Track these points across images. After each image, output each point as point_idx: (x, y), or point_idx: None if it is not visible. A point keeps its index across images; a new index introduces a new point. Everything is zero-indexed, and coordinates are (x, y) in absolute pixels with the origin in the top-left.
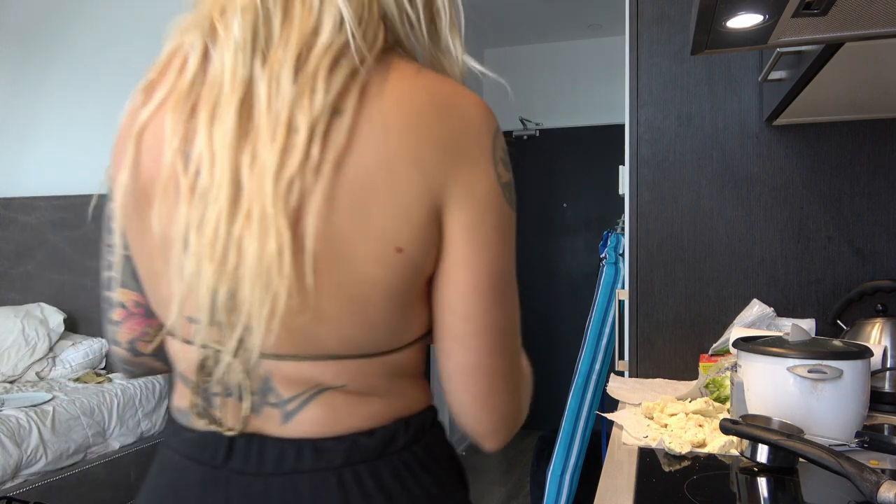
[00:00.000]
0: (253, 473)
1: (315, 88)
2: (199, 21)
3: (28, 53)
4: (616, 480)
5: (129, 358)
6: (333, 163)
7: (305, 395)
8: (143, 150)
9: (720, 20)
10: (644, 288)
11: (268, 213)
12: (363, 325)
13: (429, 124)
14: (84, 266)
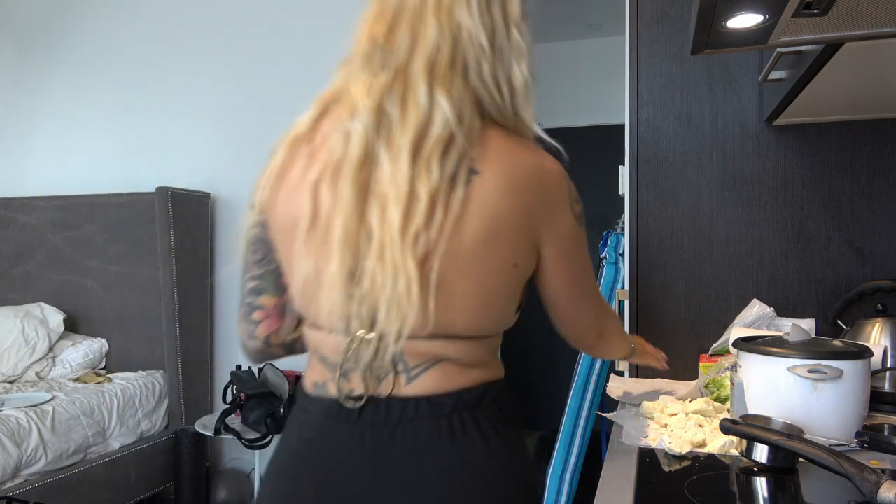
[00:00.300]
0: (382, 424)
1: (430, 168)
2: (337, 109)
3: (28, 54)
4: (616, 480)
5: (262, 348)
6: (453, 222)
7: (426, 364)
8: (291, 198)
9: (720, 20)
10: (644, 288)
11: (397, 258)
12: (488, 316)
13: (531, 190)
14: (84, 266)
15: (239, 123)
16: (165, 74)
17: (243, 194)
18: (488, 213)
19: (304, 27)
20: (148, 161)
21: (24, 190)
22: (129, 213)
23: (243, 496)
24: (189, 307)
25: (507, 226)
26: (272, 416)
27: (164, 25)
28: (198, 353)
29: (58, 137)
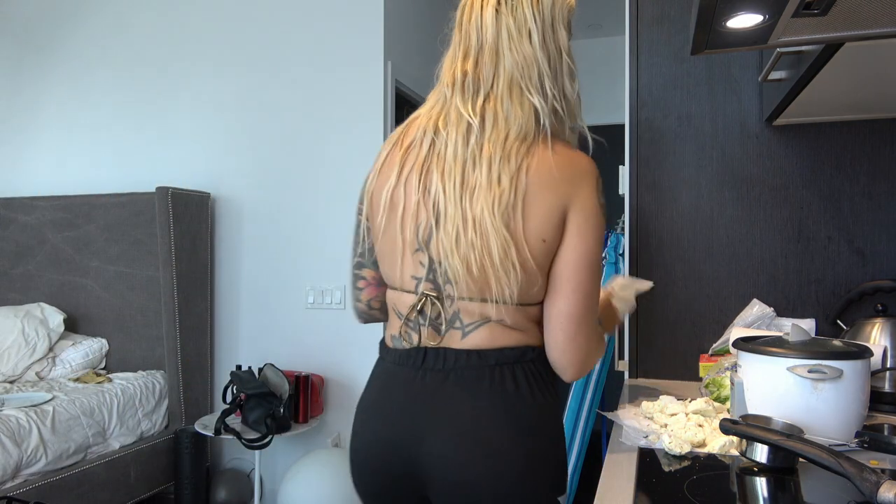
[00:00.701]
0: (440, 369)
1: (510, 161)
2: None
3: (28, 54)
4: (616, 480)
5: (366, 310)
6: (522, 201)
7: (477, 323)
8: (384, 187)
9: (720, 20)
10: None
11: (490, 229)
12: (522, 285)
13: (564, 174)
14: (84, 266)
15: (239, 123)
16: (165, 74)
17: (243, 194)
18: (530, 200)
19: (304, 27)
20: (148, 161)
21: (24, 190)
22: (129, 213)
23: (243, 496)
24: (189, 307)
25: (541, 206)
26: (272, 416)
27: (164, 26)
28: (198, 353)
29: (58, 137)
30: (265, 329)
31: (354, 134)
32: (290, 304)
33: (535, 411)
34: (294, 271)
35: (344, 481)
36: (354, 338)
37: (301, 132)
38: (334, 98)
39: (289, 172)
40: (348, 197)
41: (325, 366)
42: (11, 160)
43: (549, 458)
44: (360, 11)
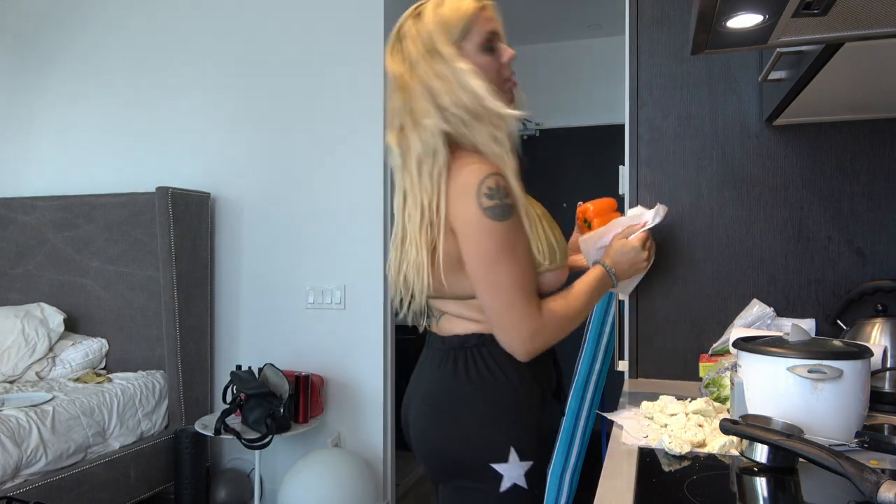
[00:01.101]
0: (429, 348)
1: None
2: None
3: (28, 54)
4: (616, 480)
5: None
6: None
7: (439, 315)
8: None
9: (720, 20)
10: (644, 288)
11: (415, 241)
12: (459, 285)
13: (451, 186)
14: (84, 266)
15: (239, 124)
16: (166, 74)
17: (243, 194)
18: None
19: (304, 27)
20: (148, 161)
21: (24, 190)
22: (129, 213)
23: (243, 496)
24: (189, 307)
25: (443, 220)
26: (272, 416)
27: (163, 26)
28: (198, 353)
29: (58, 137)
30: (265, 329)
31: (355, 134)
32: (290, 304)
33: (468, 389)
34: (294, 271)
35: (344, 481)
36: (354, 338)
37: (301, 132)
38: (334, 98)
39: (289, 172)
40: (348, 197)
41: (325, 366)
42: (11, 160)
43: (482, 432)
44: (359, 11)
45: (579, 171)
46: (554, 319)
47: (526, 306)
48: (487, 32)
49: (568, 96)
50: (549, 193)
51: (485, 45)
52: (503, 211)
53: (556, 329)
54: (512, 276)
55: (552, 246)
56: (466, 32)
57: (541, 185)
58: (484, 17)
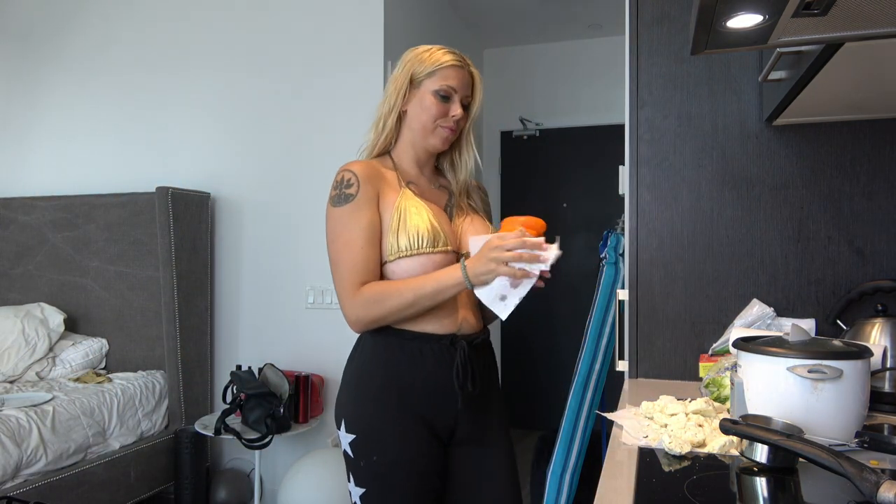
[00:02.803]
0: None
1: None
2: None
3: (27, 54)
4: (616, 480)
5: None
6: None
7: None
8: None
9: (720, 20)
10: (644, 288)
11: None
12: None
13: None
14: (84, 266)
15: (239, 123)
16: (165, 74)
17: (243, 194)
18: None
19: (304, 27)
20: (148, 161)
21: (24, 190)
22: (129, 213)
23: (243, 496)
24: (189, 307)
25: None
26: (272, 416)
27: (163, 26)
28: (198, 353)
29: (58, 137)
30: (265, 329)
31: (355, 134)
32: (290, 304)
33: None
34: (294, 271)
35: (344, 481)
36: (354, 338)
37: (301, 132)
38: (334, 98)
39: (289, 172)
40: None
41: (325, 366)
42: (11, 160)
43: (337, 400)
44: (360, 11)
45: (579, 171)
46: (365, 297)
47: (344, 283)
48: (447, 85)
49: (568, 96)
50: (549, 193)
51: (438, 92)
52: (338, 199)
53: (367, 305)
54: (336, 255)
55: (419, 237)
56: (430, 75)
57: (541, 185)
58: (451, 74)
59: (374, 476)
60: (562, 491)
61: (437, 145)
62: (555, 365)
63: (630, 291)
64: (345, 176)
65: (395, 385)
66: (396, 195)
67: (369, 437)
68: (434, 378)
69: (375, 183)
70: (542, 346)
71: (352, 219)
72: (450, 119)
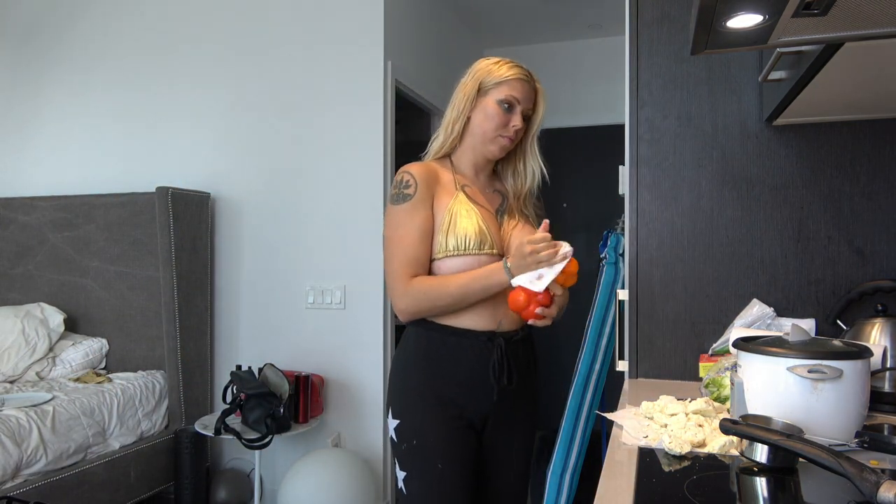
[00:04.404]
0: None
1: None
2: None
3: (28, 54)
4: (616, 480)
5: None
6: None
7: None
8: None
9: (720, 20)
10: (644, 288)
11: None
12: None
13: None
14: (84, 266)
15: (239, 124)
16: (165, 74)
17: (243, 194)
18: None
19: (304, 27)
20: (148, 161)
21: (24, 190)
22: (129, 213)
23: (243, 496)
24: (189, 307)
25: None
26: (272, 416)
27: (164, 26)
28: (198, 353)
29: (58, 137)
30: (265, 329)
31: (354, 134)
32: (290, 304)
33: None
34: (294, 271)
35: (344, 481)
36: (354, 338)
37: (301, 132)
38: (334, 98)
39: (289, 172)
40: (348, 197)
41: (325, 366)
42: (11, 160)
43: (388, 389)
44: (360, 11)
45: (579, 171)
46: (416, 289)
47: (396, 274)
48: (511, 96)
49: (568, 96)
50: (549, 193)
51: (502, 101)
52: (398, 198)
53: (419, 297)
54: (391, 249)
55: (466, 239)
56: (497, 85)
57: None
58: (517, 87)
59: (414, 459)
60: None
61: (495, 152)
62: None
63: (630, 291)
64: (405, 177)
65: (437, 376)
66: (450, 198)
67: (411, 423)
68: (472, 372)
69: (431, 185)
70: (542, 346)
71: (408, 216)
72: (510, 129)
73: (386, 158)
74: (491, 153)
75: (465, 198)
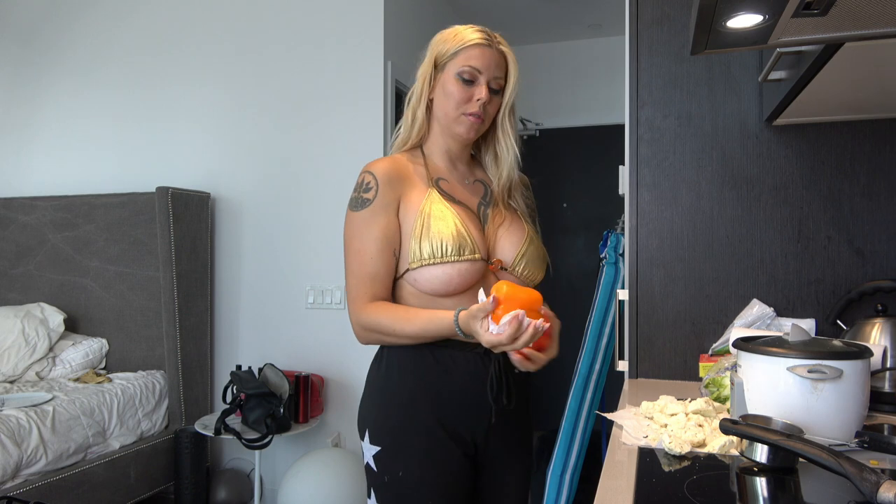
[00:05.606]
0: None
1: None
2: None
3: (28, 54)
4: (616, 480)
5: None
6: None
7: None
8: None
9: (720, 20)
10: (644, 288)
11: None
12: None
13: None
14: (84, 266)
15: (239, 123)
16: (165, 74)
17: (243, 194)
18: None
19: (304, 27)
20: (148, 161)
21: (24, 190)
22: (129, 213)
23: (243, 496)
24: (189, 307)
25: None
26: (272, 416)
27: (164, 26)
28: (198, 353)
29: (58, 137)
30: (265, 329)
31: (354, 134)
32: (290, 304)
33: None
34: (294, 271)
35: (344, 481)
36: (354, 338)
37: (301, 132)
38: (334, 98)
39: (289, 172)
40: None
41: (325, 366)
42: (11, 160)
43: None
44: (359, 11)
45: (579, 171)
46: (369, 318)
47: (352, 292)
48: (469, 66)
49: (568, 96)
50: (549, 193)
51: (460, 74)
52: (356, 203)
53: (367, 330)
54: (348, 261)
55: (442, 244)
56: (452, 56)
57: (540, 185)
58: (474, 54)
59: (399, 494)
60: (562, 491)
61: (463, 134)
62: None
63: (630, 291)
64: (365, 178)
65: (425, 395)
66: (422, 196)
67: (396, 451)
68: (466, 389)
69: (396, 185)
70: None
71: (366, 226)
72: (474, 104)
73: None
74: (459, 136)
75: (439, 195)
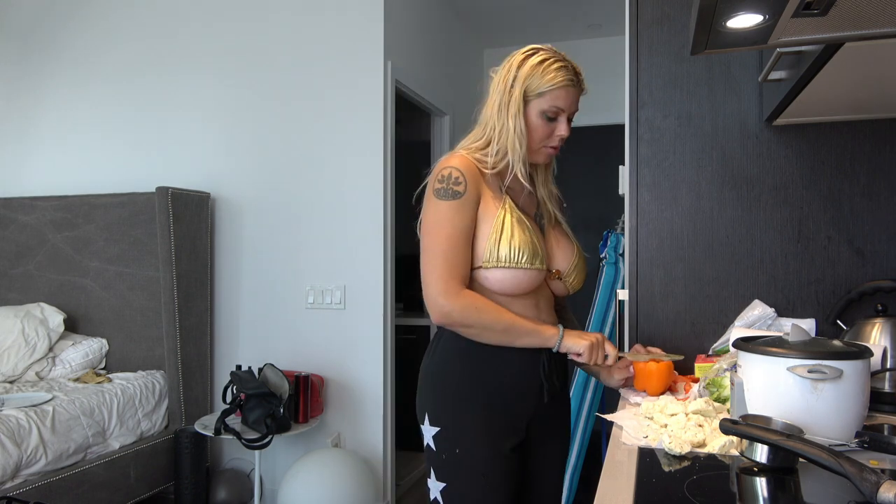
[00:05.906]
0: None
1: None
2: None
3: (28, 54)
4: (616, 480)
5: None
6: None
7: None
8: None
9: (720, 20)
10: (644, 288)
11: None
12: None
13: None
14: (84, 266)
15: (239, 123)
16: (165, 74)
17: (243, 194)
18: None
19: (304, 27)
20: (148, 161)
21: (24, 190)
22: (129, 213)
23: (243, 496)
24: (189, 307)
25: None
26: (272, 416)
27: (163, 25)
28: (198, 353)
29: (58, 137)
30: (265, 329)
31: (354, 134)
32: (290, 304)
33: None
34: (294, 271)
35: (344, 481)
36: (354, 338)
37: (301, 132)
38: (334, 98)
39: (289, 172)
40: (348, 197)
41: (325, 366)
42: (11, 160)
43: (418, 396)
44: (360, 12)
45: (579, 171)
46: (467, 301)
47: (442, 275)
48: (556, 107)
49: None
50: None
51: (545, 112)
52: (446, 193)
53: (468, 310)
54: (435, 246)
55: (519, 252)
56: (541, 95)
57: None
58: (561, 95)
59: (456, 470)
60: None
61: (540, 162)
62: None
63: (630, 291)
64: (452, 172)
65: (481, 381)
66: (496, 202)
67: (453, 431)
68: (520, 374)
69: (478, 185)
70: None
71: (458, 215)
72: (555, 139)
73: (386, 158)
74: (534, 162)
75: (512, 204)
